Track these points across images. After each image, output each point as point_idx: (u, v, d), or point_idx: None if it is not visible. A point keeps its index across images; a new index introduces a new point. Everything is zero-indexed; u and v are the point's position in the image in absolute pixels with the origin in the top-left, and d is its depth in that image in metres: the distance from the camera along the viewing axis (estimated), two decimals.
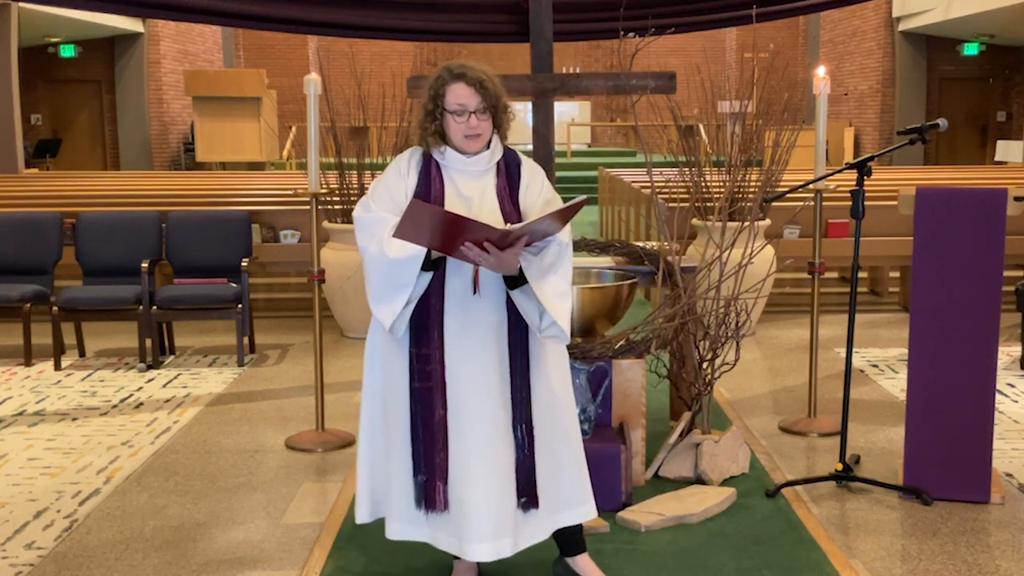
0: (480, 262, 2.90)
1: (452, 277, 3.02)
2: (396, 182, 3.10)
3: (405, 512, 3.11)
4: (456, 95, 3.02)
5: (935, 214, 4.02)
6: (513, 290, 2.99)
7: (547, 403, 3.11)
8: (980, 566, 3.51)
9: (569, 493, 3.17)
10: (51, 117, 17.43)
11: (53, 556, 3.64)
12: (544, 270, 2.98)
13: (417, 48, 20.86)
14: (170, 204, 8.11)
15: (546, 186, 3.17)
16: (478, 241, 2.85)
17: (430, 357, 3.02)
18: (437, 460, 3.03)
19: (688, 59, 8.28)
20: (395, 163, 3.17)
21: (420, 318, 3.02)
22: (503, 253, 2.86)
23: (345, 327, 7.37)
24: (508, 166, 3.13)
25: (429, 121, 3.08)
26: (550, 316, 2.96)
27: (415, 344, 3.04)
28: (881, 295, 8.77)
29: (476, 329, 3.02)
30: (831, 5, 7.99)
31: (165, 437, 5.04)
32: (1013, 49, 16.61)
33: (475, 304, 3.02)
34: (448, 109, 3.03)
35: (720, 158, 7.15)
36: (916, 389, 4.09)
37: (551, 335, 3.01)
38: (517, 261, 2.92)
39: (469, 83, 3.01)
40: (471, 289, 3.02)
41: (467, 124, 3.02)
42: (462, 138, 3.05)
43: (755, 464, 4.53)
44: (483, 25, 5.95)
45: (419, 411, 3.04)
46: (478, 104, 3.02)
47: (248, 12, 5.97)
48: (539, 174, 3.19)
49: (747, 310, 4.59)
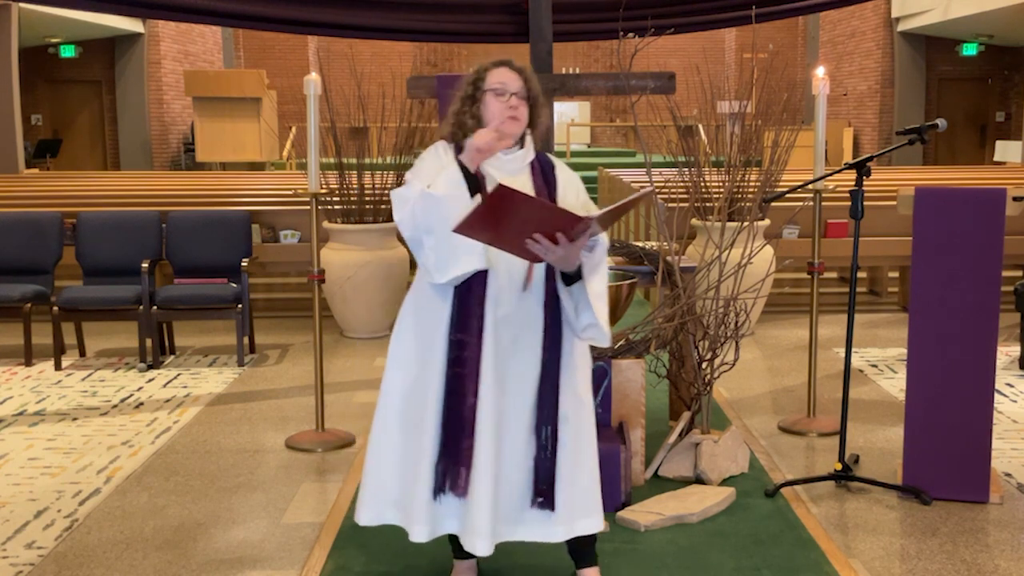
0: (546, 255, 2.84)
1: (496, 266, 2.97)
2: (434, 164, 3.03)
3: (427, 511, 3.04)
4: (498, 76, 3.04)
5: (934, 214, 4.03)
6: (569, 286, 2.97)
7: (572, 407, 3.07)
8: (979, 566, 3.52)
9: (583, 501, 3.12)
10: (51, 117, 17.42)
11: (53, 556, 3.65)
12: (592, 268, 2.96)
13: (417, 48, 20.86)
14: (170, 204, 8.12)
15: (581, 188, 3.14)
16: (552, 233, 2.77)
17: (467, 344, 2.98)
18: (463, 446, 2.98)
19: (688, 59, 8.27)
20: (430, 151, 3.11)
21: (462, 305, 2.99)
22: (572, 246, 2.82)
23: (345, 327, 7.38)
24: (543, 167, 3.12)
25: (467, 105, 3.05)
26: (592, 316, 2.95)
27: (455, 330, 3.00)
28: (880, 295, 8.78)
29: (515, 322, 2.99)
30: (831, 5, 8.00)
31: (165, 437, 5.05)
32: (1012, 49, 16.62)
33: (517, 298, 2.99)
34: (489, 88, 3.02)
35: (719, 158, 7.16)
36: (915, 389, 4.10)
37: (591, 336, 3.00)
38: (580, 256, 2.89)
39: (512, 68, 3.06)
40: (514, 281, 2.98)
41: (507, 103, 3.01)
42: (501, 119, 3.01)
43: (754, 464, 4.53)
44: (483, 25, 5.96)
45: (450, 398, 3.00)
46: (519, 87, 3.03)
47: (248, 12, 5.97)
48: (574, 176, 3.16)
49: (746, 310, 4.59)
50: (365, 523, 3.17)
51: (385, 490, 3.13)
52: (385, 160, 7.43)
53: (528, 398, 3.03)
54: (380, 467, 3.14)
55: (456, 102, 3.09)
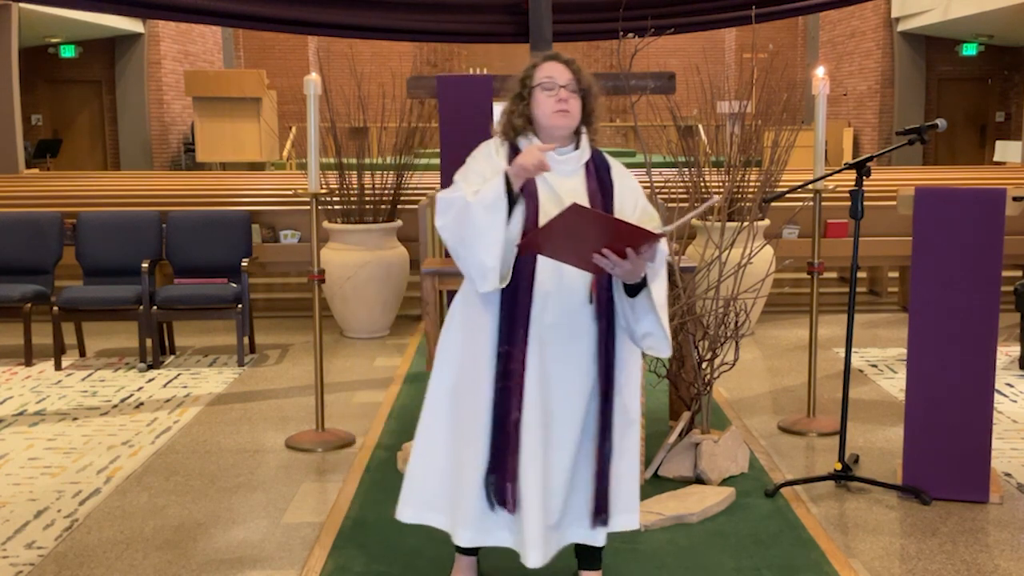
0: (612, 270, 2.77)
1: (543, 276, 2.90)
2: (485, 163, 2.98)
3: (476, 518, 3.01)
4: (546, 70, 2.98)
5: (934, 214, 4.03)
6: (632, 298, 2.91)
7: (622, 417, 3.03)
8: (979, 565, 3.52)
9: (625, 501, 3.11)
10: (51, 117, 17.42)
11: (53, 556, 3.65)
12: (652, 277, 2.88)
13: (417, 48, 20.84)
14: (170, 204, 8.12)
15: (639, 193, 3.05)
16: (621, 248, 2.70)
17: (513, 356, 2.92)
18: (509, 462, 2.93)
19: (687, 59, 8.26)
20: (483, 148, 3.05)
21: (507, 314, 2.92)
22: (639, 259, 2.75)
23: (345, 327, 7.38)
24: (598, 169, 3.01)
25: (517, 104, 3.00)
26: (653, 323, 2.90)
27: (501, 341, 2.93)
28: (880, 295, 8.78)
29: (563, 332, 2.93)
30: (831, 5, 8.01)
31: (165, 437, 5.05)
32: (1012, 49, 16.62)
33: (565, 307, 2.92)
34: (537, 83, 2.96)
35: (719, 158, 7.16)
36: (915, 389, 4.10)
37: (650, 344, 2.96)
38: (644, 267, 2.82)
39: (560, 61, 3.00)
40: (563, 289, 2.91)
41: (556, 96, 2.93)
42: (551, 113, 2.94)
43: (754, 464, 4.53)
44: (483, 25, 5.97)
45: (496, 411, 2.94)
46: (568, 80, 2.96)
47: (248, 12, 5.98)
48: (631, 180, 3.07)
49: (746, 310, 4.59)
50: (406, 520, 3.15)
51: (429, 492, 3.11)
52: (385, 160, 7.43)
53: (577, 408, 2.97)
54: (425, 469, 3.11)
55: (507, 100, 3.03)
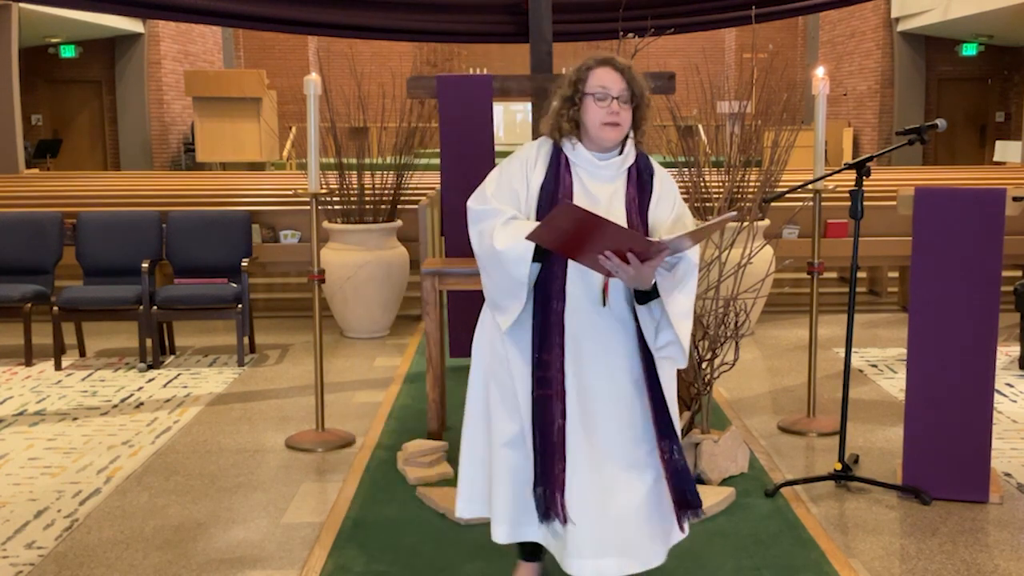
0: (617, 273, 2.74)
1: (575, 282, 2.86)
2: (519, 173, 2.93)
3: (509, 514, 2.96)
4: (600, 78, 2.87)
5: (934, 214, 4.03)
6: (641, 305, 2.86)
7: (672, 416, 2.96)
8: (979, 565, 3.52)
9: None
10: (51, 117, 17.42)
11: (53, 556, 3.65)
12: (672, 287, 2.83)
13: (417, 48, 20.83)
14: (170, 204, 8.12)
15: (678, 200, 2.99)
16: (622, 251, 2.69)
17: (550, 364, 2.86)
18: (555, 471, 2.85)
19: (687, 59, 8.26)
20: (522, 152, 2.99)
21: (542, 322, 2.87)
22: (643, 266, 2.71)
23: (345, 327, 7.38)
24: (640, 173, 2.94)
25: (566, 107, 2.90)
26: (671, 334, 2.84)
27: (537, 349, 2.88)
28: (880, 295, 8.78)
29: (594, 336, 2.88)
30: (831, 5, 8.01)
31: (165, 437, 5.05)
32: (1012, 49, 16.62)
33: (599, 312, 2.88)
34: (589, 91, 2.87)
35: (719, 158, 7.16)
36: (915, 389, 4.10)
37: (667, 355, 2.88)
38: (653, 275, 2.77)
39: (616, 68, 2.88)
40: (594, 297, 2.87)
41: (608, 109, 2.84)
42: (600, 125, 2.86)
43: (754, 464, 4.53)
44: (483, 25, 5.97)
45: (538, 420, 2.87)
46: (622, 91, 2.86)
47: (248, 12, 5.99)
48: (671, 187, 3.00)
49: (746, 310, 4.60)
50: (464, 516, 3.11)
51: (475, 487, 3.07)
52: (385, 160, 7.43)
53: (627, 413, 2.91)
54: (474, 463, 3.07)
55: (556, 99, 2.94)
